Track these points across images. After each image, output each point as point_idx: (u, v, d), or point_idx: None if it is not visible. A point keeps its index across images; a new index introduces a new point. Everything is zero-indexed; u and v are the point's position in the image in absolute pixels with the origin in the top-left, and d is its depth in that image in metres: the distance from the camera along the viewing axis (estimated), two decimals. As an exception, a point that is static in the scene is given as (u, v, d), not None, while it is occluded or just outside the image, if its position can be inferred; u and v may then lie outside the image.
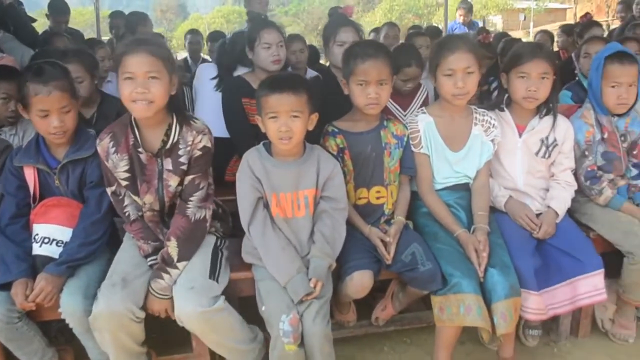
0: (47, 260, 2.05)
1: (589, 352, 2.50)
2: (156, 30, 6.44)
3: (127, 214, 2.11)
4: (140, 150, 2.03)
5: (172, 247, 2.02)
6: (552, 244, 2.33)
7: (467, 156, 2.37)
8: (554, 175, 2.50)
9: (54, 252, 2.08)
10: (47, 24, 5.14)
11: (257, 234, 2.07)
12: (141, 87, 1.88)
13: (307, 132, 2.08)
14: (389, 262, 2.17)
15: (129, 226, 2.12)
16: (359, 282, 2.09)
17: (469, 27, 6.67)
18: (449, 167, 2.38)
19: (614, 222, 2.44)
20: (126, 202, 2.10)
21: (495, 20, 35.21)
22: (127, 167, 2.04)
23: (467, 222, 2.34)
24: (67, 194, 2.17)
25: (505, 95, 2.47)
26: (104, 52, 3.73)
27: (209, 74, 3.29)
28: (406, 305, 2.43)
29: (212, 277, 2.02)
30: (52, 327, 2.35)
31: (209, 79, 3.27)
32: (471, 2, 7.49)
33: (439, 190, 2.39)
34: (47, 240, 2.09)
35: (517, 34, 21.74)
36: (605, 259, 2.29)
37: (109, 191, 2.10)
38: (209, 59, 5.70)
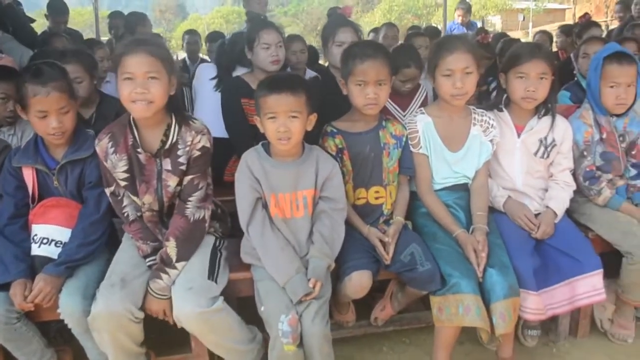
0: (46, 260, 2.05)
1: (587, 352, 2.50)
2: (155, 30, 6.44)
3: (126, 214, 2.11)
4: (139, 150, 2.03)
5: (171, 248, 2.02)
6: (550, 244, 2.34)
7: (466, 156, 2.38)
8: (553, 175, 2.51)
9: (52, 252, 2.08)
10: (46, 25, 5.14)
11: (256, 235, 2.07)
12: (140, 88, 1.88)
13: (306, 133, 2.08)
14: (387, 263, 2.17)
15: (128, 226, 2.12)
16: (358, 283, 2.09)
17: (468, 28, 6.68)
18: (448, 167, 2.38)
19: (613, 222, 2.44)
20: (125, 202, 2.10)
21: (494, 20, 35.23)
22: (126, 168, 2.03)
23: (466, 222, 2.34)
24: (66, 195, 2.17)
25: (503, 95, 2.48)
26: (103, 52, 3.73)
27: (209, 74, 3.29)
28: (405, 305, 2.43)
29: (211, 277, 2.02)
30: (51, 328, 2.35)
31: (208, 79, 3.27)
32: (470, 3, 7.49)
33: (438, 190, 2.39)
34: (45, 240, 2.09)
35: (516, 34, 21.76)
36: (604, 259, 2.29)
37: (107, 191, 2.10)
38: (208, 59, 5.70)
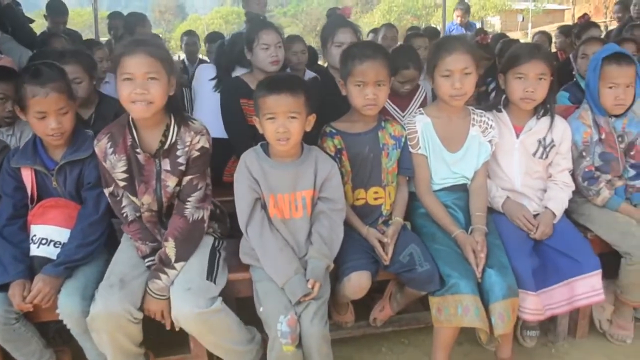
0: (45, 261, 2.05)
1: (586, 353, 2.50)
2: (154, 31, 6.44)
3: (124, 214, 2.11)
4: (138, 150, 2.03)
5: (170, 248, 2.02)
6: (549, 245, 2.34)
7: (465, 157, 2.38)
8: (552, 176, 2.51)
9: (51, 253, 2.08)
10: (45, 25, 5.13)
11: (254, 235, 2.07)
12: (140, 88, 1.88)
13: (305, 133, 2.08)
14: (386, 263, 2.17)
15: (127, 227, 2.12)
16: (357, 283, 2.09)
17: (466, 28, 6.70)
18: (447, 167, 2.38)
19: (612, 223, 2.44)
20: (124, 202, 2.10)
21: (493, 21, 35.26)
22: (125, 168, 2.03)
23: (464, 222, 2.34)
24: (65, 195, 2.17)
25: (502, 96, 2.48)
26: (102, 53, 3.74)
27: (208, 75, 3.29)
28: (404, 306, 2.43)
29: (210, 278, 2.02)
30: (50, 328, 2.34)
31: (207, 79, 3.27)
32: (468, 3, 7.51)
33: (437, 191, 2.39)
34: (44, 241, 2.09)
35: (516, 35, 21.78)
36: (602, 259, 2.30)
37: (106, 192, 2.10)
38: (207, 59, 5.70)
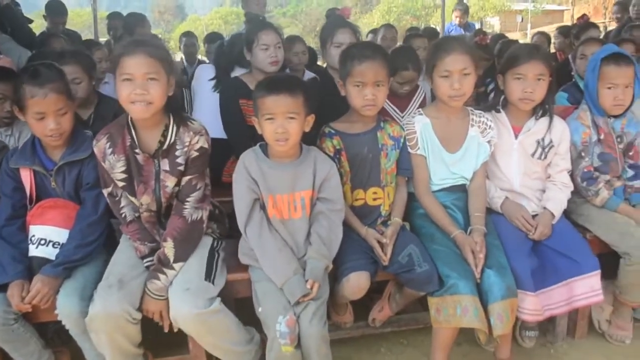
0: (44, 261, 2.05)
1: (585, 353, 2.50)
2: (154, 31, 6.44)
3: (123, 215, 2.11)
4: (137, 151, 2.02)
5: (169, 248, 2.02)
6: (548, 245, 2.34)
7: (464, 157, 2.38)
8: (550, 176, 2.51)
9: (50, 253, 2.07)
10: (44, 25, 5.13)
11: (253, 236, 2.07)
12: (140, 89, 1.88)
13: (304, 134, 2.08)
14: (385, 264, 2.17)
15: (126, 227, 2.12)
16: (356, 284, 2.09)
17: (465, 29, 6.70)
18: (446, 168, 2.38)
19: (610, 223, 2.44)
20: (123, 203, 2.10)
21: (492, 21, 35.30)
22: (123, 168, 2.03)
23: (463, 223, 2.34)
24: (64, 196, 2.16)
25: (501, 96, 2.48)
26: (101, 53, 3.74)
27: (207, 75, 3.30)
28: (403, 306, 2.43)
29: (208, 278, 2.02)
30: (48, 329, 2.34)
31: (207, 80, 3.27)
32: (467, 4, 7.51)
33: (436, 191, 2.39)
34: (43, 241, 2.09)
35: (515, 35, 21.79)
36: (601, 260, 2.30)
37: (105, 192, 2.09)
38: (206, 60, 5.70)
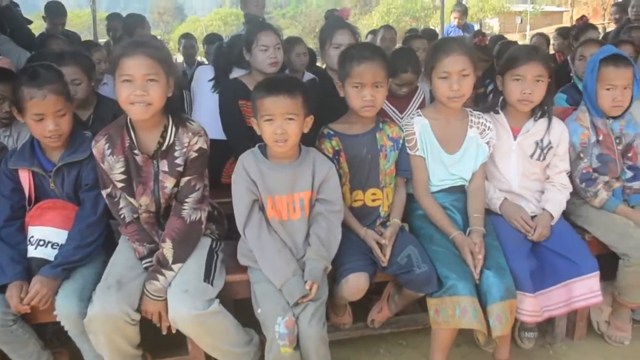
0: (43, 262, 2.05)
1: (584, 354, 2.50)
2: (153, 32, 6.44)
3: (122, 216, 2.11)
4: (136, 152, 2.02)
5: (167, 249, 2.02)
6: (547, 246, 2.34)
7: (463, 158, 2.38)
8: (549, 177, 2.51)
9: (49, 254, 2.07)
10: (43, 26, 5.13)
11: (252, 237, 2.07)
12: (140, 90, 1.88)
13: (303, 135, 2.08)
14: (384, 265, 2.17)
15: (124, 228, 2.12)
16: (355, 285, 2.09)
17: (464, 30, 6.70)
18: (445, 169, 2.38)
19: (609, 224, 2.44)
20: (121, 204, 2.10)
21: (492, 23, 35.37)
22: (122, 169, 2.03)
23: (462, 224, 2.34)
24: (63, 197, 2.16)
25: (500, 97, 2.48)
26: (100, 54, 3.74)
27: (207, 77, 3.30)
28: (402, 307, 2.43)
29: (207, 280, 2.02)
30: (47, 330, 2.34)
31: (206, 81, 3.28)
32: (466, 5, 7.53)
33: (435, 192, 2.39)
34: (42, 242, 2.09)
35: (514, 36, 21.80)
36: (600, 261, 2.30)
37: (104, 193, 2.09)
38: (205, 61, 5.70)
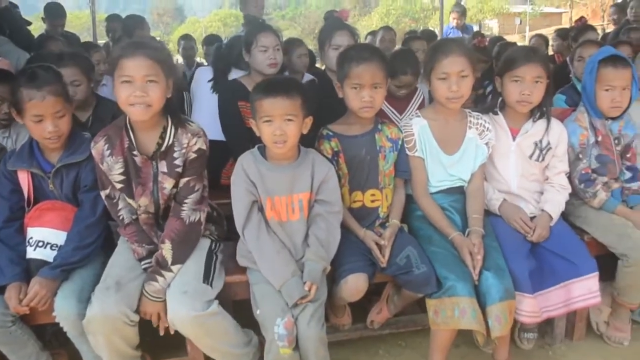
0: (41, 263, 2.05)
1: (583, 355, 2.50)
2: (153, 33, 6.45)
3: (121, 217, 2.10)
4: (135, 153, 2.02)
5: (167, 250, 2.02)
6: (546, 247, 2.34)
7: (462, 159, 2.38)
8: (548, 178, 2.51)
9: (48, 255, 2.07)
10: (43, 28, 5.13)
11: (251, 238, 2.07)
12: (139, 91, 1.88)
13: (302, 136, 2.08)
14: (383, 265, 2.17)
15: (123, 229, 2.12)
16: (354, 285, 2.09)
17: (463, 31, 6.70)
18: (444, 170, 2.38)
19: (608, 225, 2.44)
20: (120, 205, 2.09)
21: (491, 24, 35.43)
22: (122, 170, 2.03)
23: (461, 225, 2.34)
24: (62, 198, 2.16)
25: (499, 98, 2.48)
26: (100, 55, 3.74)
27: (206, 78, 3.30)
28: (401, 308, 2.43)
29: (206, 281, 2.02)
30: (46, 331, 2.34)
31: (206, 82, 3.28)
32: (464, 6, 7.53)
33: (434, 193, 2.39)
34: (41, 243, 2.09)
35: (513, 38, 21.82)
36: (599, 261, 2.30)
37: (103, 194, 2.09)
38: (205, 62, 5.70)
